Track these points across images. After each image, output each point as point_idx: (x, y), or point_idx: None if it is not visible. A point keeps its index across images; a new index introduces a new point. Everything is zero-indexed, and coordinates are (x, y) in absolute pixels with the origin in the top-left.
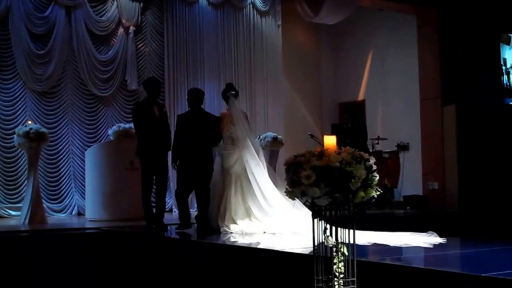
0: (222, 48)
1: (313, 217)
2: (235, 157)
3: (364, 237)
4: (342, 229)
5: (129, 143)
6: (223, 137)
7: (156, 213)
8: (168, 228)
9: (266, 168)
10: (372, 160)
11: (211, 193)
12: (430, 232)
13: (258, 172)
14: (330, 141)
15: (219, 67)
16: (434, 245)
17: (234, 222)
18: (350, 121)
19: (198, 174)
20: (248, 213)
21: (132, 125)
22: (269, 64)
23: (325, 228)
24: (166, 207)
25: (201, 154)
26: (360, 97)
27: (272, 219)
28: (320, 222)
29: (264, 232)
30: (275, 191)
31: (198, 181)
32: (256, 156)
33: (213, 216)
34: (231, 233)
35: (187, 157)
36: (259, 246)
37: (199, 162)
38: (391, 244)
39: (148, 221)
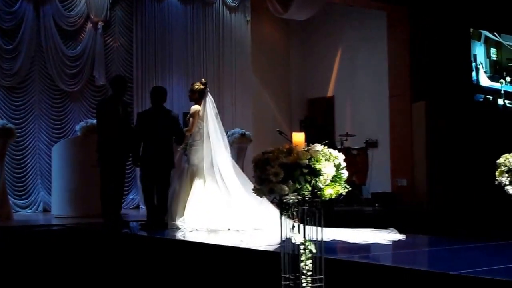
0: (191, 43)
1: (281, 214)
2: (202, 153)
3: (325, 234)
4: (309, 226)
5: (97, 139)
6: (192, 132)
7: (113, 209)
8: (133, 225)
9: (233, 165)
10: (341, 157)
11: (176, 189)
12: (390, 229)
13: (225, 168)
14: (298, 138)
15: (188, 63)
16: (394, 241)
17: (199, 219)
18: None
19: (158, 171)
20: (213, 210)
21: None
22: (237, 60)
23: (293, 226)
24: (134, 203)
25: (161, 151)
26: (329, 93)
27: (237, 216)
28: (288, 219)
29: (229, 229)
30: (240, 188)
31: (158, 178)
32: (225, 152)
33: (176, 212)
34: (196, 230)
35: (147, 155)
36: (224, 243)
37: (159, 159)
38: (351, 241)
39: (106, 218)
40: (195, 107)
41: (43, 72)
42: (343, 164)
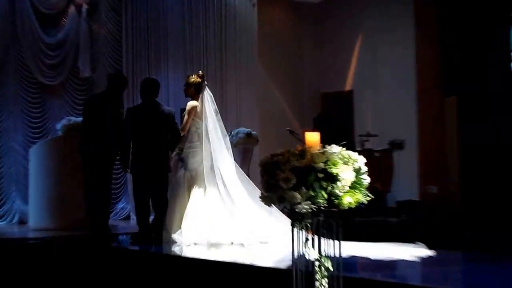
0: (189, 31)
1: (293, 226)
2: (200, 156)
3: (343, 249)
4: (326, 240)
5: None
6: (189, 132)
7: (100, 220)
8: (123, 238)
9: (236, 169)
10: (362, 161)
11: (171, 198)
12: (418, 243)
13: (228, 173)
14: (312, 137)
15: (186, 52)
16: (422, 258)
17: (198, 231)
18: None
19: (152, 177)
20: (214, 220)
21: None
22: (242, 49)
23: (306, 239)
24: (124, 213)
25: (154, 154)
26: (347, 86)
27: (242, 228)
28: (301, 232)
29: (232, 243)
30: (246, 195)
31: (153, 185)
32: (227, 155)
33: (173, 224)
34: (195, 244)
35: (138, 159)
36: (227, 260)
37: (152, 164)
38: (372, 257)
39: (94, 228)
40: (191, 103)
41: (18, 62)
42: (364, 169)
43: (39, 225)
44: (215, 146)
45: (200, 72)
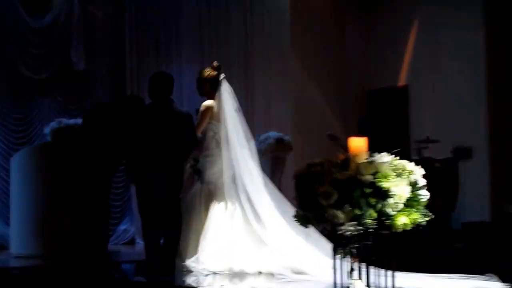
0: (207, 14)
1: (334, 252)
2: (220, 166)
3: (400, 282)
4: (375, 269)
5: (74, 146)
6: (205, 138)
7: (97, 245)
8: (126, 267)
9: (264, 181)
10: (419, 172)
11: (185, 217)
12: (488, 274)
13: (254, 187)
14: (358, 144)
15: (203, 41)
16: None
17: (218, 258)
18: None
19: (162, 193)
20: (238, 245)
21: (78, 121)
22: (272, 38)
23: (351, 269)
24: (126, 237)
25: (166, 164)
26: (401, 81)
27: (271, 254)
28: (344, 259)
29: (260, 273)
30: (276, 213)
31: (163, 203)
32: (251, 162)
33: (187, 249)
34: (214, 273)
35: (146, 169)
36: None
37: (163, 176)
38: None
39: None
40: (206, 103)
41: None
42: (422, 182)
43: (22, 252)
44: (237, 153)
45: (215, 63)
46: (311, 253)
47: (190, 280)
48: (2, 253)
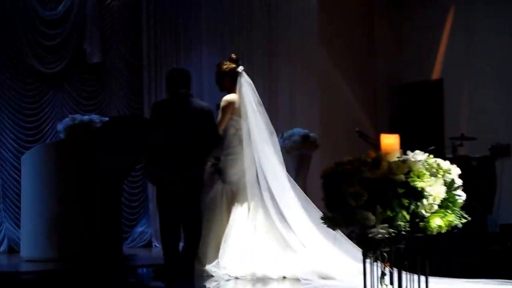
0: (230, 4)
1: (365, 256)
2: (242, 165)
3: (433, 287)
4: (408, 274)
5: (88, 145)
6: (226, 135)
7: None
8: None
9: (288, 178)
10: (455, 171)
11: (205, 219)
12: None
13: (278, 186)
14: (389, 141)
15: (224, 32)
16: None
17: (241, 262)
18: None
19: (182, 193)
20: (261, 248)
21: (93, 117)
22: (298, 29)
23: (383, 274)
24: (144, 239)
25: (186, 163)
26: (435, 75)
27: (297, 258)
28: (375, 264)
29: (284, 277)
30: (302, 215)
31: (183, 204)
32: (277, 163)
33: (207, 252)
34: (236, 278)
35: (164, 168)
36: None
37: (182, 177)
38: None
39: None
40: (227, 98)
41: (8, 44)
42: (458, 182)
43: (33, 255)
44: (259, 150)
45: (233, 56)
46: (338, 257)
47: (210, 285)
48: (12, 256)
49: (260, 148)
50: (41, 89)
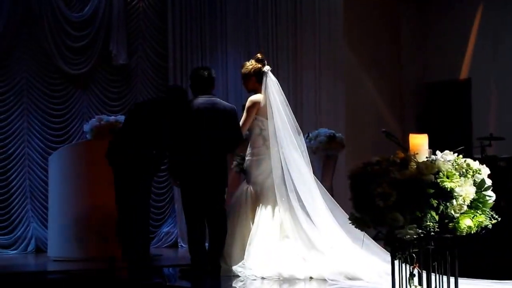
0: (255, 2)
1: (393, 257)
2: (268, 166)
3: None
4: (437, 275)
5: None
6: (251, 135)
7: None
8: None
9: (316, 182)
10: (485, 171)
11: (231, 220)
12: None
13: (304, 188)
14: (418, 142)
15: (249, 31)
16: None
17: (266, 262)
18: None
19: (208, 192)
20: (288, 249)
21: (119, 118)
22: (323, 28)
23: (411, 274)
24: (170, 239)
25: (210, 163)
26: (463, 74)
27: (323, 259)
28: (404, 265)
29: (311, 278)
30: (328, 216)
31: (208, 204)
32: (302, 164)
33: (232, 252)
34: (262, 278)
35: (189, 168)
36: None
37: (207, 176)
38: None
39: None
40: (253, 98)
41: (34, 45)
42: (488, 182)
43: (60, 255)
44: (285, 151)
45: (259, 55)
46: (365, 258)
47: (237, 285)
48: (40, 256)
49: (286, 148)
50: (68, 90)
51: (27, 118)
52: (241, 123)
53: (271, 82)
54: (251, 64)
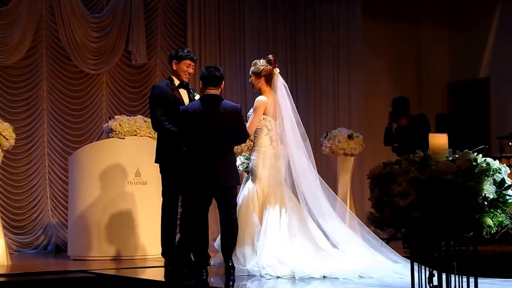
0: (273, 2)
1: (412, 257)
2: (274, 166)
3: None
4: (457, 276)
5: (135, 144)
6: (258, 135)
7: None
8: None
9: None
10: (505, 171)
11: (240, 218)
12: None
13: (310, 191)
14: (438, 141)
15: (267, 30)
16: None
17: (278, 261)
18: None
19: (216, 191)
20: (301, 247)
21: (138, 118)
22: (342, 24)
23: (431, 274)
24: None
25: (219, 161)
26: (482, 73)
27: (337, 257)
28: (422, 265)
29: (324, 277)
30: (335, 217)
31: (218, 202)
32: (307, 166)
33: (243, 251)
34: (278, 277)
35: (196, 166)
36: None
37: (216, 174)
38: None
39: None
40: (261, 99)
41: (53, 45)
42: (508, 181)
43: (82, 254)
44: (293, 154)
45: (271, 57)
46: (376, 257)
47: (252, 284)
48: (60, 256)
49: (293, 150)
50: (87, 90)
51: (48, 118)
52: (249, 122)
53: (281, 84)
54: (262, 65)
